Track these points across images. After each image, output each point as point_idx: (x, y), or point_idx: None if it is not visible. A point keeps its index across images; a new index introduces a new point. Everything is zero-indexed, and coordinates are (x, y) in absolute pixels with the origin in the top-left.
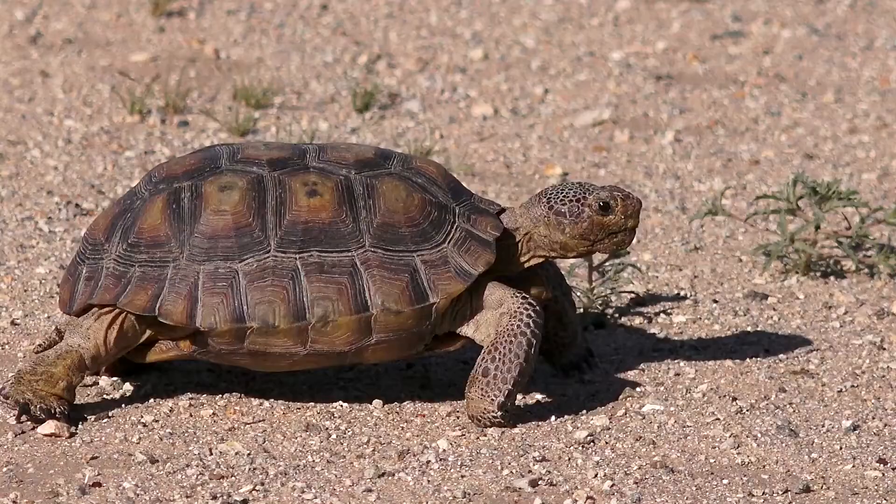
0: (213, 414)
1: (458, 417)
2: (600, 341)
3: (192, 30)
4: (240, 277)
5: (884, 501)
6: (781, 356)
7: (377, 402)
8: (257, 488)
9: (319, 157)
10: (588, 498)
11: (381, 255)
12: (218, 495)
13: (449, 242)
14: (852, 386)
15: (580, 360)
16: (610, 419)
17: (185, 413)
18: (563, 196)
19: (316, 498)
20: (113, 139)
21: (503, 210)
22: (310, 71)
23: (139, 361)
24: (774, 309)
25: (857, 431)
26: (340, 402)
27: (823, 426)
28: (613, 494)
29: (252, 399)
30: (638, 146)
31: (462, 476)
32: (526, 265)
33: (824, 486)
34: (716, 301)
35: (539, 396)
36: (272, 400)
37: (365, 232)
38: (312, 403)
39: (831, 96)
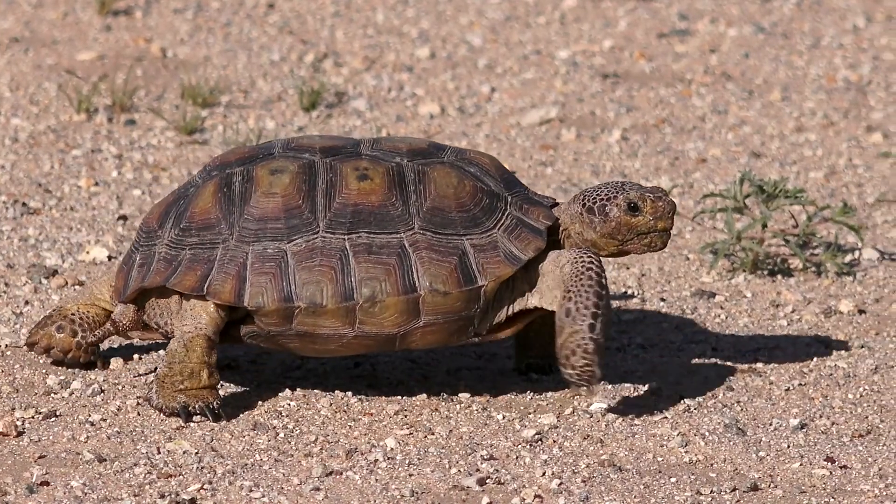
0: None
1: (405, 416)
2: None
3: (139, 28)
4: (288, 258)
5: (831, 500)
6: (729, 354)
7: (325, 401)
8: (205, 487)
9: (373, 147)
10: (536, 496)
11: (430, 237)
12: (166, 494)
13: (499, 228)
14: (800, 384)
15: (546, 365)
16: (558, 418)
17: (133, 412)
18: (597, 194)
19: (264, 497)
20: (60, 138)
21: (557, 204)
22: (256, 70)
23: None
24: (722, 307)
25: (804, 430)
26: (288, 401)
27: (771, 424)
28: (561, 493)
29: None
30: (585, 144)
31: (410, 475)
32: None
33: (772, 485)
34: (663, 299)
35: (487, 395)
36: (220, 398)
37: (415, 215)
38: (260, 402)
39: (778, 95)
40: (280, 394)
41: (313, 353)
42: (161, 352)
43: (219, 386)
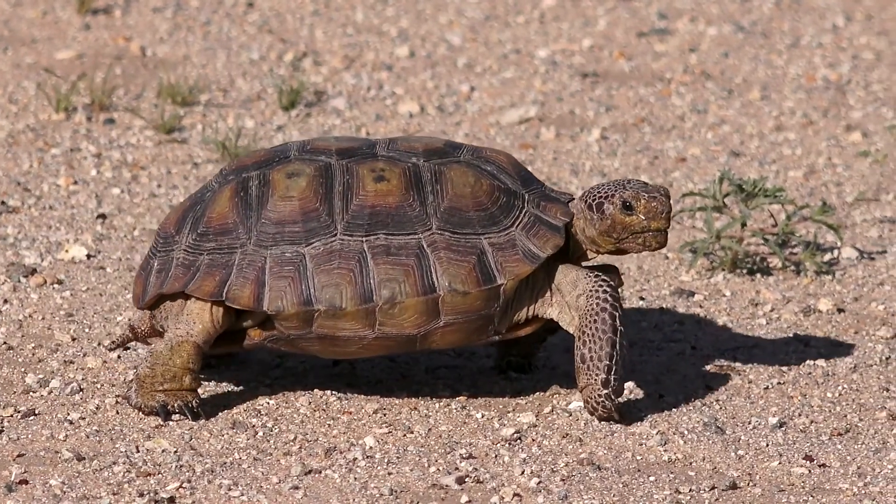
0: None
1: (384, 415)
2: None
3: (118, 27)
4: (307, 261)
5: (810, 498)
6: (708, 353)
7: (303, 400)
8: (184, 486)
9: (389, 147)
10: (515, 495)
11: (448, 237)
12: (145, 492)
13: (517, 226)
14: (779, 383)
15: (525, 364)
16: (537, 416)
17: (112, 410)
18: (598, 192)
19: (243, 495)
20: (39, 137)
21: (574, 199)
22: (236, 68)
23: (218, 352)
24: (701, 306)
25: (783, 428)
26: (267, 400)
27: (750, 423)
28: (540, 492)
29: None
30: (564, 143)
31: (389, 473)
32: (583, 259)
33: (751, 483)
34: (642, 298)
35: (466, 394)
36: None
37: (432, 215)
38: (239, 401)
39: (757, 94)
40: (259, 392)
41: (334, 356)
42: (140, 351)
43: (199, 388)
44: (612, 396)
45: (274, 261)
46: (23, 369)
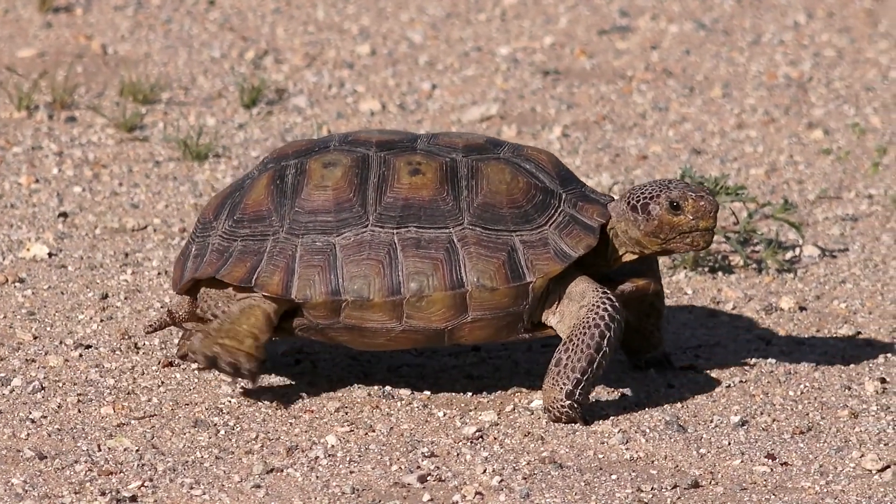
0: (102, 410)
1: (346, 413)
2: None
3: (80, 25)
4: (336, 251)
5: (772, 496)
6: (669, 351)
7: (265, 398)
8: (146, 484)
9: (430, 142)
10: (477, 493)
11: (479, 233)
12: (106, 491)
13: (551, 225)
14: (740, 381)
15: (661, 358)
16: (498, 414)
17: (74, 409)
18: (641, 193)
19: (204, 494)
20: (0, 135)
21: (614, 201)
22: (197, 66)
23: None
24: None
25: (745, 427)
26: (229, 398)
27: (712, 421)
28: (502, 490)
29: (140, 395)
30: (526, 141)
31: (351, 472)
32: (619, 262)
33: (713, 482)
34: None
35: (427, 392)
36: (160, 395)
37: (465, 210)
38: (201, 399)
39: (719, 91)
40: (220, 390)
41: (363, 347)
42: (102, 350)
43: (260, 358)
44: (575, 406)
45: (304, 249)
46: None
